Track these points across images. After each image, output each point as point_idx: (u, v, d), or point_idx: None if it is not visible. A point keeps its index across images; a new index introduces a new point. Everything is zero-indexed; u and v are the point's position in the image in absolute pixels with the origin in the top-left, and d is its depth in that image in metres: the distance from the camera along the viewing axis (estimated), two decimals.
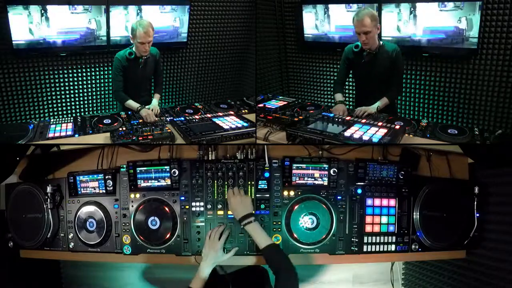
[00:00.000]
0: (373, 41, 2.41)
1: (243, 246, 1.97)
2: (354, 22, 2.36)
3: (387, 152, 2.10)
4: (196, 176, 1.98)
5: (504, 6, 2.72)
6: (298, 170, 1.96)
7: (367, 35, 2.36)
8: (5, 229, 2.17)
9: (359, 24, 2.34)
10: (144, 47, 2.56)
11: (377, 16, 2.38)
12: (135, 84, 2.75)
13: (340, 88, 2.72)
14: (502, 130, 2.28)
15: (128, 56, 2.60)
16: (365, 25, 2.32)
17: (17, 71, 3.03)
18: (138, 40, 2.53)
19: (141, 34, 2.50)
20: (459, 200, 2.02)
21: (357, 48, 2.51)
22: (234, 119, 2.43)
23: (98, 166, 2.13)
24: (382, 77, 2.53)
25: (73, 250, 2.08)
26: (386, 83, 2.55)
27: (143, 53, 2.61)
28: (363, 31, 2.35)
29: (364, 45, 2.43)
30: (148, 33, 2.52)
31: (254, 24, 3.82)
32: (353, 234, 1.99)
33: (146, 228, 1.96)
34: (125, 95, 2.65)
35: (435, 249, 2.02)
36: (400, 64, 2.51)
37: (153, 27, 2.55)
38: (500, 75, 2.87)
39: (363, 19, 2.31)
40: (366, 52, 2.47)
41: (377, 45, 2.45)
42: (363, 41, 2.40)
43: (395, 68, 2.49)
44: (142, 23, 2.52)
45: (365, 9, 2.38)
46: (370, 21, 2.31)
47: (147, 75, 2.81)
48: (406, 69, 3.27)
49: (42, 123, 2.36)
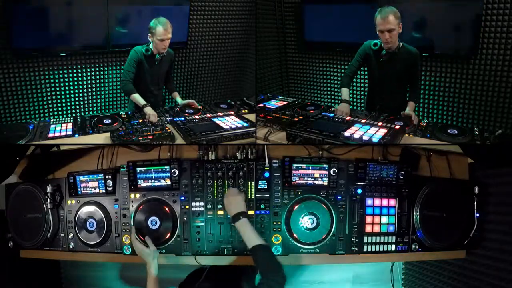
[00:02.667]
0: (395, 40, 2.35)
1: (243, 246, 1.97)
2: (378, 20, 2.30)
3: (387, 152, 2.10)
4: (196, 176, 1.98)
5: (504, 6, 2.72)
6: (298, 170, 1.96)
7: (391, 33, 2.30)
8: (5, 229, 2.17)
9: (383, 22, 2.28)
10: (164, 43, 2.61)
11: (400, 15, 2.32)
12: (147, 80, 2.78)
13: (348, 82, 2.67)
14: (502, 130, 2.28)
15: (144, 53, 2.64)
16: (389, 22, 2.26)
17: (17, 71, 3.03)
18: (158, 37, 2.56)
19: (160, 31, 2.54)
20: (459, 200, 2.02)
21: (376, 46, 2.44)
22: (234, 119, 2.43)
23: (98, 166, 2.13)
24: (399, 79, 2.49)
25: (73, 250, 2.08)
26: (402, 86, 2.53)
27: (162, 50, 2.65)
28: (387, 29, 2.28)
29: (387, 43, 2.36)
30: (168, 30, 2.57)
31: (254, 24, 3.82)
32: (353, 234, 1.99)
33: (146, 228, 1.96)
34: (133, 88, 2.65)
35: (435, 249, 2.02)
36: (419, 67, 2.49)
37: (171, 24, 2.59)
38: (500, 75, 2.87)
39: (388, 16, 2.26)
40: (385, 51, 2.41)
41: (397, 46, 2.39)
42: (386, 40, 2.33)
43: (415, 72, 2.46)
44: (161, 20, 2.56)
45: (389, 7, 2.30)
46: (394, 19, 2.27)
47: (160, 73, 2.85)
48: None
49: (42, 123, 2.36)
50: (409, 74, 2.48)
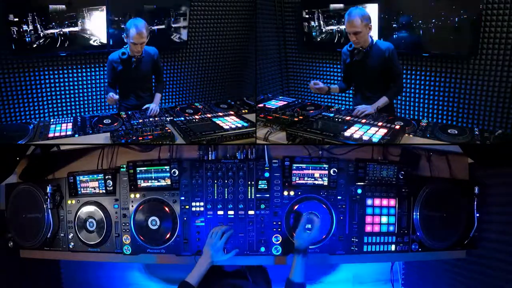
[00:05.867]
0: (364, 40, 2.41)
1: (243, 246, 1.97)
2: (345, 22, 2.37)
3: (387, 152, 2.10)
4: (196, 176, 1.98)
5: (504, 6, 2.72)
6: (298, 170, 1.97)
7: (357, 35, 2.37)
8: (5, 229, 2.17)
9: (349, 25, 2.35)
10: (137, 47, 2.51)
11: (369, 16, 2.37)
12: (130, 84, 2.73)
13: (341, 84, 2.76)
14: (502, 130, 2.28)
15: (120, 56, 2.57)
16: (354, 26, 2.33)
17: (17, 71, 3.03)
18: (131, 40, 2.47)
19: (134, 35, 2.44)
20: (459, 200, 2.02)
21: (351, 47, 2.51)
22: (234, 119, 2.43)
23: (98, 166, 2.13)
24: (375, 76, 2.53)
25: (73, 250, 2.08)
26: (382, 82, 2.55)
27: (135, 53, 2.55)
28: (353, 31, 2.35)
29: (355, 44, 2.44)
30: (141, 35, 2.45)
31: (254, 24, 3.82)
32: (353, 234, 1.99)
33: (146, 228, 1.96)
34: (109, 88, 2.70)
35: (435, 249, 2.03)
36: (395, 63, 2.49)
37: (148, 28, 2.50)
38: (500, 75, 2.87)
39: (354, 20, 2.32)
40: (357, 50, 2.47)
41: (369, 44, 2.44)
42: (354, 41, 2.42)
43: (391, 67, 2.48)
44: (137, 23, 2.45)
45: (357, 9, 2.37)
46: (361, 22, 2.32)
47: (141, 75, 2.73)
48: (406, 69, 3.27)
49: (42, 123, 2.36)
50: (386, 70, 2.49)
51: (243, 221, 1.99)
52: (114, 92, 2.56)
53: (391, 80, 2.54)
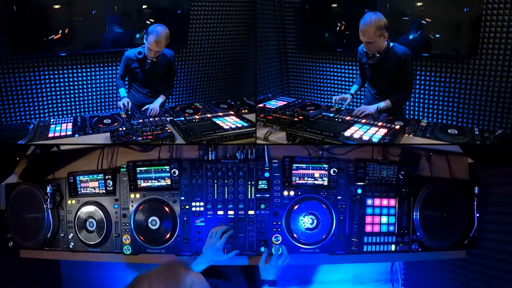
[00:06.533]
0: (377, 47, 2.34)
1: (243, 247, 1.97)
2: (359, 29, 2.27)
3: (387, 152, 2.10)
4: (196, 176, 1.98)
5: (504, 6, 2.71)
6: (298, 170, 1.97)
7: (369, 44, 2.31)
8: (5, 229, 2.17)
9: (362, 34, 2.27)
10: (151, 53, 2.57)
11: (385, 24, 2.24)
12: (143, 83, 2.77)
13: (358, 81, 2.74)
14: (502, 130, 2.28)
15: (137, 55, 2.62)
16: (367, 36, 2.25)
17: (17, 71, 3.03)
18: (148, 45, 2.52)
19: (151, 41, 2.49)
20: (459, 200, 2.02)
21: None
22: (234, 119, 2.43)
23: (98, 166, 2.13)
24: (390, 80, 2.49)
25: (73, 250, 2.08)
26: (393, 86, 2.51)
27: (149, 57, 2.61)
28: (365, 41, 2.29)
29: (369, 50, 2.38)
30: (159, 44, 2.50)
31: (254, 24, 3.82)
32: (353, 234, 1.99)
33: (146, 228, 1.96)
34: (121, 82, 2.74)
35: (435, 249, 2.03)
36: (408, 68, 2.43)
37: (168, 36, 2.52)
38: (500, 75, 2.87)
39: (367, 29, 2.23)
40: (371, 54, 2.41)
41: (385, 48, 2.36)
42: (367, 48, 2.36)
43: (402, 72, 2.42)
44: (158, 30, 2.47)
45: (371, 18, 2.22)
46: (374, 33, 2.23)
47: (155, 76, 2.78)
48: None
49: (42, 123, 2.36)
50: (398, 72, 2.44)
51: (243, 221, 1.99)
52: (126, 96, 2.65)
53: (400, 83, 2.49)
